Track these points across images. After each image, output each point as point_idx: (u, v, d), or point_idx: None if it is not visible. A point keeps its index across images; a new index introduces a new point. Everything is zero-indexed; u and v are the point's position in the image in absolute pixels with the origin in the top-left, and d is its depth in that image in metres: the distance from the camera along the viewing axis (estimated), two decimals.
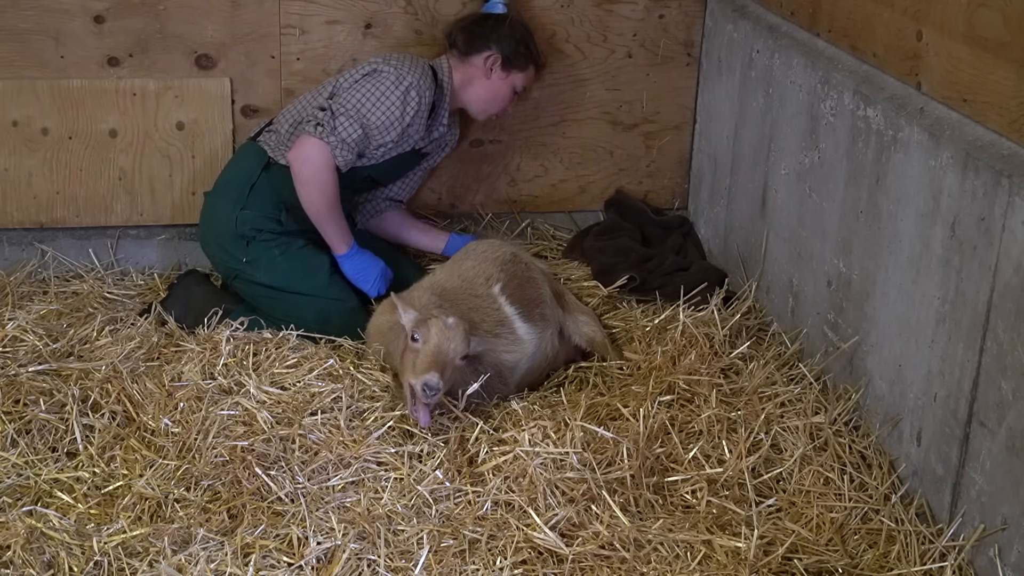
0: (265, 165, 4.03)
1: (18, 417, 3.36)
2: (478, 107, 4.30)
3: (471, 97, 4.26)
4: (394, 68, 3.98)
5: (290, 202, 3.99)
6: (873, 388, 3.33)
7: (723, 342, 3.80)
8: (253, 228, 3.98)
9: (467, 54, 4.21)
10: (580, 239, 4.68)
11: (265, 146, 4.08)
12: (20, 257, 4.41)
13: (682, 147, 4.81)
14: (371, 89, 3.94)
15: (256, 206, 4.00)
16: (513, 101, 4.35)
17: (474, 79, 4.22)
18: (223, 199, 4.06)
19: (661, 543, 2.92)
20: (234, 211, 4.00)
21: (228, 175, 4.14)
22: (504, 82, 4.24)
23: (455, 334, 3.34)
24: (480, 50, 4.19)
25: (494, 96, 4.26)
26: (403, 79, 3.96)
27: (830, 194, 3.55)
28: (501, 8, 4.30)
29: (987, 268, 2.76)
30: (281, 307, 3.93)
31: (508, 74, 4.23)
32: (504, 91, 4.26)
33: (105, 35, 4.25)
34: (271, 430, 3.26)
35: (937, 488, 3.01)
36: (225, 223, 4.01)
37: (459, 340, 3.34)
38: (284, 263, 3.97)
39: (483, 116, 4.37)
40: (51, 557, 2.83)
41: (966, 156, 2.84)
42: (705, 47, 4.64)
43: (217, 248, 4.07)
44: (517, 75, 4.26)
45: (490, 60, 4.19)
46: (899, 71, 3.26)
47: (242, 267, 4.00)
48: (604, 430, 3.28)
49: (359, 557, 2.84)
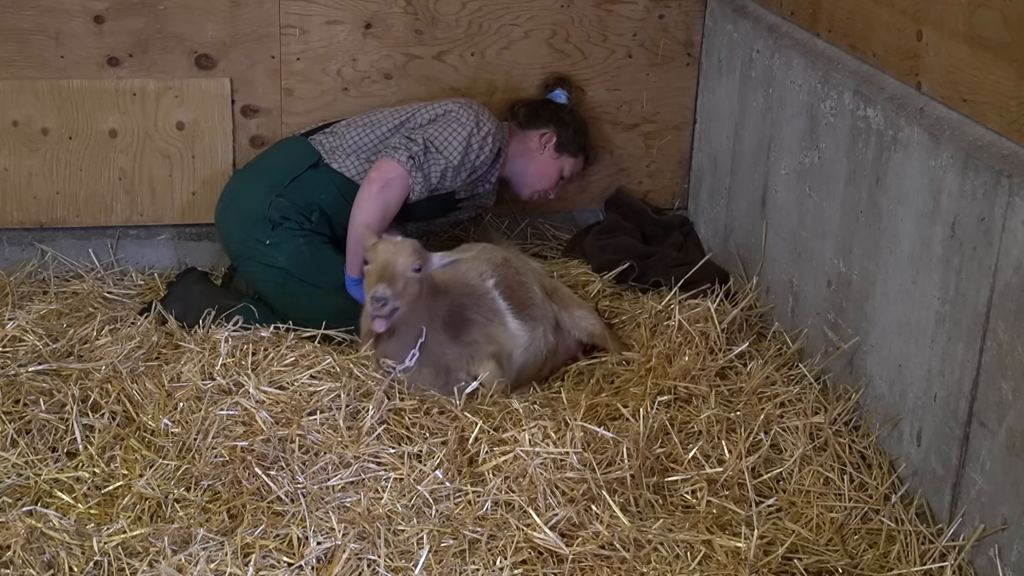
0: (314, 164, 4.08)
1: (18, 417, 3.36)
2: (525, 180, 4.42)
3: (520, 169, 4.38)
4: (475, 113, 4.10)
5: (326, 207, 4.04)
6: (873, 388, 3.33)
7: (719, 339, 3.80)
8: (283, 216, 4.01)
9: (526, 128, 4.38)
10: (580, 237, 4.68)
11: (319, 147, 4.13)
12: (20, 257, 4.41)
13: (682, 147, 4.81)
14: (456, 130, 4.04)
15: (292, 198, 4.03)
16: (557, 186, 4.48)
17: (527, 152, 4.38)
18: (259, 181, 4.09)
19: (661, 543, 2.92)
20: (269, 195, 4.03)
21: (271, 161, 4.18)
22: (554, 162, 4.40)
23: (403, 248, 3.43)
24: (538, 127, 4.38)
25: (542, 174, 4.41)
26: (483, 125, 4.09)
27: (830, 194, 3.55)
28: (564, 99, 4.50)
29: (987, 268, 2.76)
30: (289, 295, 3.95)
31: (559, 156, 4.40)
32: (552, 171, 4.41)
33: (105, 35, 4.25)
34: (270, 430, 3.26)
35: (937, 488, 3.01)
36: (255, 204, 4.04)
37: (407, 254, 3.41)
38: (307, 252, 4.00)
39: (527, 192, 4.47)
40: (51, 557, 2.83)
41: (966, 156, 2.84)
42: (705, 47, 4.64)
43: (237, 226, 4.08)
44: (567, 160, 4.42)
45: (545, 138, 4.37)
46: (899, 71, 3.26)
47: (262, 248, 4.01)
48: (604, 430, 3.28)
49: (359, 557, 2.84)
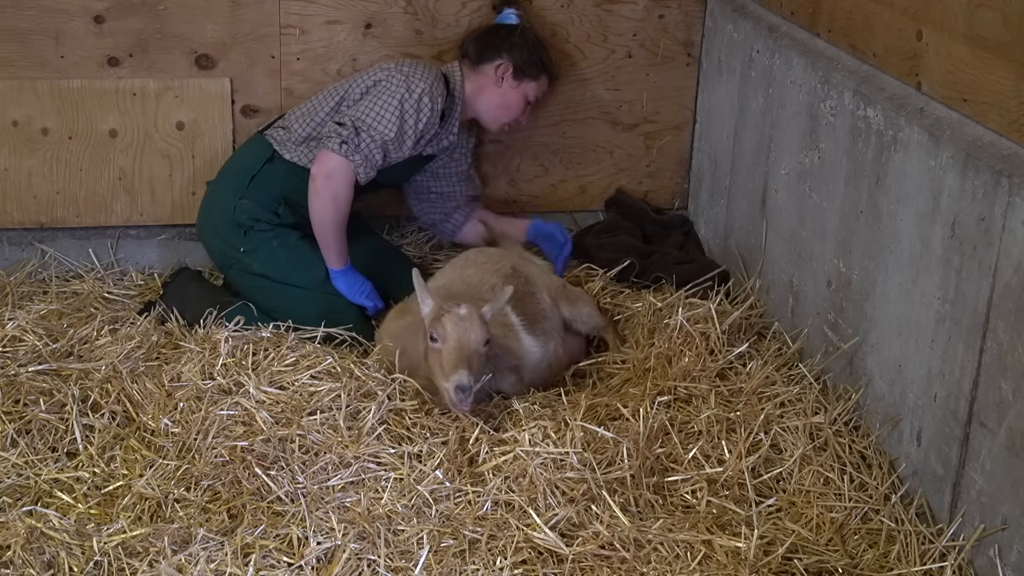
0: (269, 158, 4.06)
1: (18, 417, 3.36)
2: (490, 116, 4.30)
3: (483, 107, 4.27)
4: (405, 77, 3.98)
5: (290, 197, 4.01)
6: (873, 388, 3.33)
7: (719, 339, 3.80)
8: (251, 218, 4.00)
9: (478, 63, 4.22)
10: (581, 238, 4.68)
11: (272, 140, 4.10)
12: (20, 257, 4.41)
13: (682, 147, 4.81)
14: (386, 101, 3.94)
15: (256, 197, 4.02)
16: (526, 112, 4.35)
17: (485, 88, 4.23)
18: (223, 188, 4.09)
19: (661, 543, 2.92)
20: (233, 200, 4.02)
21: (231, 165, 4.18)
22: (515, 91, 4.25)
23: (471, 324, 3.31)
24: (491, 59, 4.21)
25: (506, 105, 4.27)
26: (414, 88, 3.96)
27: (830, 194, 3.55)
28: (514, 19, 4.31)
29: (987, 268, 2.76)
30: (276, 298, 3.94)
31: (520, 83, 4.24)
32: (516, 100, 4.27)
33: (105, 35, 4.25)
34: (270, 430, 3.26)
35: (937, 488, 3.01)
36: (223, 211, 4.04)
37: (477, 328, 3.31)
38: (283, 254, 3.98)
39: (495, 126, 4.36)
40: (51, 557, 2.83)
41: (966, 156, 2.84)
42: (705, 47, 4.64)
43: (214, 237, 4.09)
44: (529, 84, 4.27)
45: (501, 69, 4.21)
46: (899, 71, 3.26)
47: (239, 256, 4.01)
48: (604, 430, 3.28)
49: (359, 557, 2.84)
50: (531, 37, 4.29)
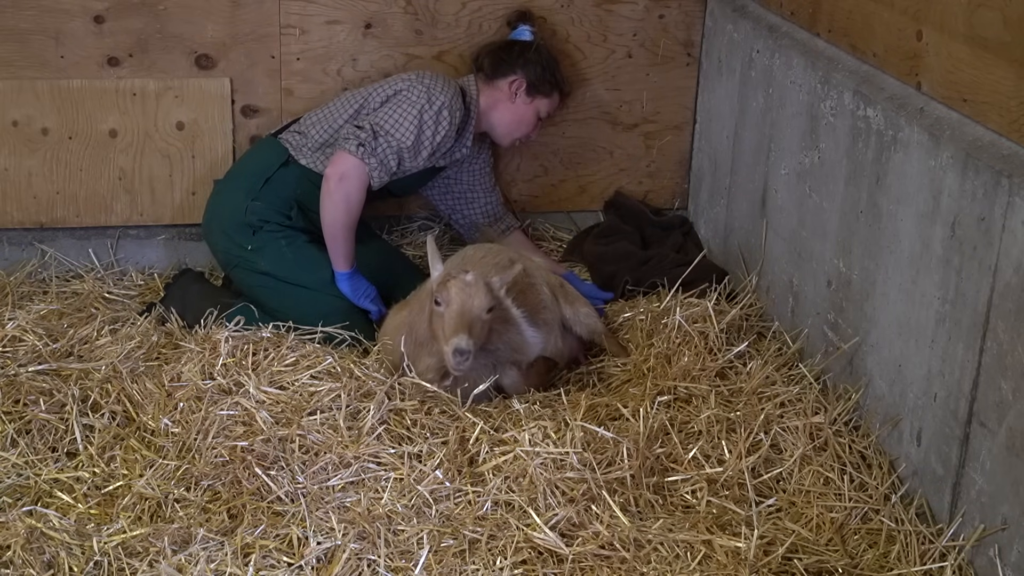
0: (284, 162, 4.07)
1: (18, 417, 3.36)
2: (502, 131, 4.35)
3: (496, 121, 4.32)
4: (426, 88, 4.01)
5: (303, 201, 4.03)
6: (873, 388, 3.33)
7: (719, 339, 3.80)
8: (261, 219, 4.01)
9: (493, 78, 4.28)
10: (580, 241, 4.68)
11: (287, 144, 4.12)
12: (20, 257, 4.42)
13: (682, 147, 4.81)
14: (406, 110, 3.97)
15: (268, 199, 4.03)
16: (537, 127, 4.42)
17: (499, 103, 4.29)
18: (235, 188, 4.09)
19: (661, 543, 2.92)
20: (245, 200, 4.03)
21: (243, 166, 4.18)
22: (528, 107, 4.32)
23: (476, 290, 3.33)
24: (506, 74, 4.27)
25: (519, 120, 4.33)
26: (435, 100, 4.00)
27: (830, 194, 3.55)
28: (528, 35, 4.38)
29: (987, 268, 2.76)
30: (279, 298, 3.94)
31: (532, 99, 4.31)
32: (528, 116, 4.33)
33: (105, 35, 4.25)
34: (270, 430, 3.26)
35: (937, 488, 3.01)
36: (234, 211, 4.04)
37: (481, 295, 3.33)
38: (290, 254, 3.99)
39: (507, 140, 4.41)
40: (51, 557, 2.83)
41: (966, 156, 2.84)
42: (705, 47, 4.64)
43: (221, 235, 4.08)
44: (542, 101, 4.34)
45: (515, 84, 4.27)
46: (899, 71, 3.26)
47: (246, 255, 4.01)
48: (604, 430, 3.28)
49: (359, 557, 2.84)
50: (545, 54, 4.36)
